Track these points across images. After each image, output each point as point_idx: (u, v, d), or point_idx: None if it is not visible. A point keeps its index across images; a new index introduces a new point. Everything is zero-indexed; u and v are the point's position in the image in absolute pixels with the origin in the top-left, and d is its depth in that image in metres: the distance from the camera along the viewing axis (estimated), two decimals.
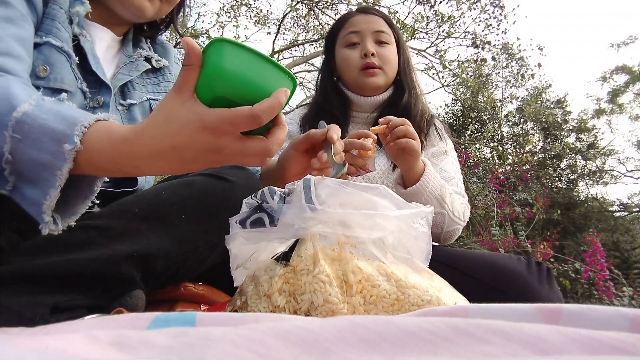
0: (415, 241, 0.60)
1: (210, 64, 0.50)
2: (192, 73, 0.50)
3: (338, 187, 0.58)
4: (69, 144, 0.49)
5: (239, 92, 0.50)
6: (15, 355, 0.24)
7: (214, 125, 0.49)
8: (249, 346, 0.26)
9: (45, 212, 0.51)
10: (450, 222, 1.16)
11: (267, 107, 0.49)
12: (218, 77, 0.50)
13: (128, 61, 0.90)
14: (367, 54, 1.23)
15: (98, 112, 0.80)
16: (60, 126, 0.50)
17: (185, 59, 0.50)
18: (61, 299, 0.58)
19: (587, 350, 0.26)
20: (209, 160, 0.52)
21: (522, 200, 6.00)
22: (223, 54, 0.50)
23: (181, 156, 0.51)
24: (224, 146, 0.51)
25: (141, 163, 0.51)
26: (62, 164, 0.49)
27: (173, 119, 0.50)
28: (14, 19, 0.68)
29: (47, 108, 0.52)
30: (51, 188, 0.50)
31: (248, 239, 0.59)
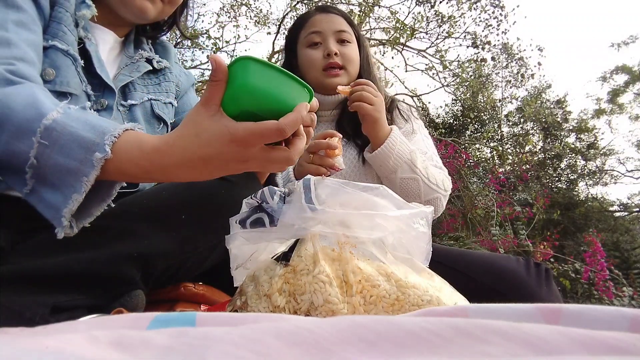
0: (415, 241, 0.60)
1: (237, 81, 0.53)
2: (219, 88, 0.53)
3: (338, 187, 0.58)
4: (99, 152, 0.52)
5: (263, 106, 0.54)
6: (15, 355, 0.24)
7: (242, 137, 0.52)
8: (249, 346, 0.26)
9: (65, 216, 0.53)
10: (427, 190, 1.15)
11: (291, 121, 0.53)
12: (244, 92, 0.53)
13: (129, 62, 0.90)
14: (330, 53, 1.24)
15: (102, 114, 0.80)
16: (89, 135, 0.53)
17: (212, 74, 0.53)
18: (61, 299, 0.58)
19: (587, 350, 0.26)
20: (235, 169, 0.56)
21: (522, 200, 6.00)
22: (249, 71, 0.53)
23: (209, 165, 0.54)
24: (250, 156, 0.54)
25: (170, 172, 0.55)
26: (90, 170, 0.52)
27: (202, 131, 0.53)
28: (26, 23, 0.69)
29: (75, 116, 0.55)
30: (75, 193, 0.52)
31: (248, 239, 0.59)
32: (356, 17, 5.31)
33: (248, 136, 0.52)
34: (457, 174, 5.29)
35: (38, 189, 0.54)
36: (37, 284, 0.57)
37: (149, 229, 0.64)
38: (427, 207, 0.63)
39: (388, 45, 5.88)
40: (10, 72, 0.59)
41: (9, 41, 0.64)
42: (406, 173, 1.13)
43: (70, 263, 0.59)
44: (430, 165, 1.19)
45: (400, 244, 0.59)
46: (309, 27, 1.29)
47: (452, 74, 6.59)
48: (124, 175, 0.55)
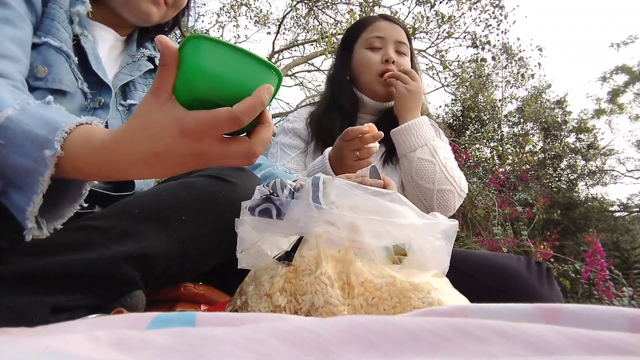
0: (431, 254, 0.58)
1: (187, 64, 0.47)
2: (168, 74, 0.48)
3: (348, 188, 0.57)
4: (49, 149, 0.48)
5: (219, 92, 0.47)
6: (15, 355, 0.24)
7: (192, 129, 0.47)
8: (249, 346, 0.26)
9: (29, 218, 0.50)
10: (442, 178, 1.15)
11: (247, 107, 0.47)
12: (196, 77, 0.47)
13: (130, 61, 0.90)
14: (389, 60, 1.25)
15: (99, 112, 0.80)
16: (42, 131, 0.49)
17: (160, 58, 0.48)
18: (61, 299, 0.58)
19: (587, 350, 0.26)
20: (192, 164, 0.51)
21: (522, 200, 6.00)
22: (200, 52, 0.47)
23: (163, 161, 0.49)
24: (205, 150, 0.49)
25: (123, 169, 0.50)
26: (44, 169, 0.48)
27: (151, 124, 0.48)
28: (11, 19, 0.68)
29: (32, 112, 0.51)
30: (34, 194, 0.49)
31: (254, 227, 0.59)
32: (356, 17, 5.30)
33: (198, 127, 0.46)
34: None
35: (7, 191, 0.51)
36: (37, 284, 0.57)
37: (149, 229, 0.64)
38: (450, 220, 0.61)
39: None
40: None
41: None
42: (425, 155, 1.15)
43: (70, 263, 0.59)
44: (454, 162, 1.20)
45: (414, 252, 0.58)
46: (372, 31, 1.30)
47: (452, 74, 6.59)
48: (80, 173, 0.51)
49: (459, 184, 1.19)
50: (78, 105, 0.77)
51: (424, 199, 1.17)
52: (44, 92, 0.72)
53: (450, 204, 1.18)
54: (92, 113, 0.79)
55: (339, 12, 6.25)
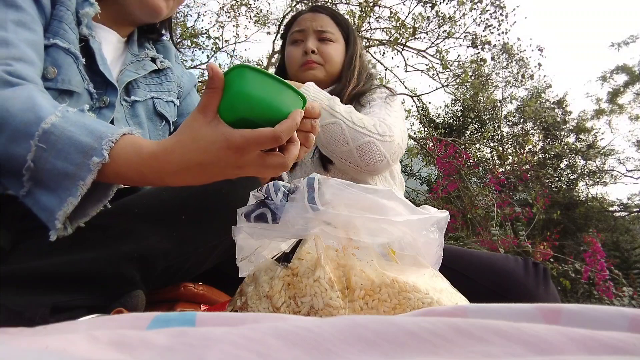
0: (424, 247, 0.59)
1: (233, 89, 0.55)
2: (215, 96, 0.54)
3: (343, 187, 0.58)
4: (97, 156, 0.53)
5: (259, 113, 0.55)
6: (15, 355, 0.24)
7: (238, 144, 0.53)
8: (249, 346, 0.26)
9: (59, 218, 0.53)
10: (353, 134, 1.07)
11: (286, 128, 0.54)
12: (241, 100, 0.54)
13: (135, 59, 0.91)
14: (307, 51, 1.27)
15: (104, 111, 0.81)
16: (87, 139, 0.54)
17: (209, 82, 0.54)
18: (61, 299, 0.58)
19: (587, 350, 0.26)
20: (232, 174, 0.57)
21: (522, 200, 6.00)
22: (245, 80, 0.54)
23: (206, 171, 0.55)
24: (246, 162, 0.55)
25: (168, 177, 0.56)
26: (86, 174, 0.53)
27: (200, 138, 0.54)
28: (25, 22, 0.69)
29: (74, 120, 0.55)
30: (70, 196, 0.53)
31: (251, 234, 0.59)
32: (357, 17, 5.30)
33: (244, 143, 0.53)
34: (457, 174, 5.29)
35: (34, 192, 0.55)
36: (37, 284, 0.57)
37: (149, 229, 0.64)
38: (441, 212, 0.62)
39: (388, 45, 5.87)
40: (8, 72, 0.60)
41: (7, 41, 0.64)
42: (326, 119, 1.07)
43: (70, 263, 0.59)
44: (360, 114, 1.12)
45: (408, 247, 0.58)
46: (295, 26, 1.34)
47: (452, 74, 6.59)
48: (122, 179, 0.56)
49: (375, 130, 1.09)
50: (84, 104, 0.78)
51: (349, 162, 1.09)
52: (53, 92, 0.72)
53: (376, 155, 1.09)
54: (97, 112, 0.80)
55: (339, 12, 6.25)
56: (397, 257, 0.59)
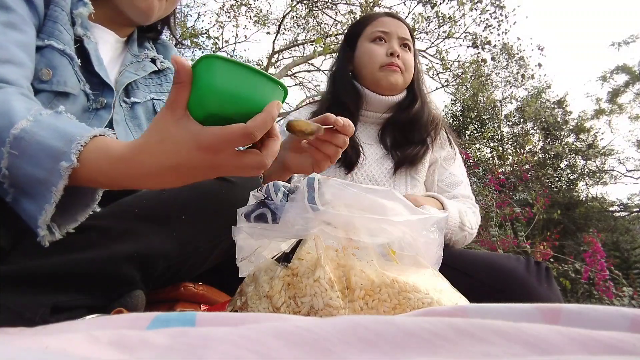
0: (424, 247, 0.59)
1: (201, 82, 0.50)
2: (183, 91, 0.50)
3: (343, 187, 0.57)
4: (65, 161, 0.50)
5: (232, 108, 0.50)
6: (15, 355, 0.24)
7: (208, 144, 0.49)
8: (249, 346, 0.26)
9: (41, 226, 0.51)
10: (469, 237, 1.19)
11: (260, 122, 0.50)
12: (210, 94, 0.49)
13: (134, 60, 0.90)
14: (393, 53, 1.24)
15: (101, 113, 0.80)
16: (57, 143, 0.51)
17: (175, 76, 0.50)
18: (61, 299, 0.58)
19: (587, 350, 0.26)
20: (206, 175, 0.54)
21: (522, 200, 6.00)
22: (214, 71, 0.49)
23: (178, 172, 0.52)
24: (220, 162, 0.51)
25: (139, 180, 0.52)
26: (58, 180, 0.50)
27: (168, 138, 0.50)
28: (15, 24, 0.68)
29: (45, 124, 0.53)
30: (46, 204, 0.51)
31: (251, 234, 0.59)
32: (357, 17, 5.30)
33: (214, 142, 0.49)
34: None
35: (18, 198, 0.53)
36: (37, 284, 0.57)
37: (149, 229, 0.64)
38: (440, 212, 0.62)
39: None
40: None
41: None
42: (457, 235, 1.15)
43: (70, 263, 0.59)
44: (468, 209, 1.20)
45: (408, 247, 0.58)
46: (377, 25, 1.29)
47: (452, 75, 6.59)
48: (94, 183, 0.54)
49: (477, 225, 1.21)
50: (80, 106, 0.77)
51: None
52: (49, 94, 0.72)
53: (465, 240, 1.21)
54: (94, 114, 0.79)
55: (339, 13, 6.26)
56: (397, 257, 0.59)
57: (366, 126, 1.30)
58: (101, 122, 0.79)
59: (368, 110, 1.29)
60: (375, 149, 1.26)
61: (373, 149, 1.26)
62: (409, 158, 1.22)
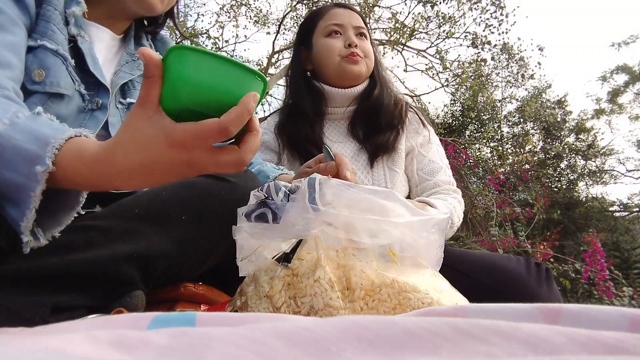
0: (424, 248, 0.59)
1: (171, 75, 0.47)
2: (153, 85, 0.48)
3: (344, 188, 0.57)
4: (41, 165, 0.48)
5: (205, 101, 0.47)
6: (15, 355, 0.24)
7: (181, 141, 0.47)
8: (249, 346, 0.26)
9: (24, 232, 0.50)
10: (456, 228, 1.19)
11: (235, 117, 0.47)
12: (182, 88, 0.47)
13: (130, 59, 0.89)
14: (351, 44, 1.21)
15: (96, 113, 0.79)
16: (32, 147, 0.49)
17: (144, 70, 0.48)
18: (61, 299, 0.58)
19: (587, 350, 0.26)
20: (183, 174, 0.51)
21: (522, 200, 6.00)
22: (184, 63, 0.47)
23: (152, 172, 0.49)
24: (195, 160, 0.49)
25: (114, 181, 0.50)
26: (35, 185, 0.48)
27: (139, 136, 0.48)
28: (2, 24, 0.67)
29: (21, 127, 0.51)
30: (27, 209, 0.49)
31: (251, 234, 0.58)
32: None
33: (187, 139, 0.47)
34: (457, 174, 5.28)
35: (2, 204, 0.52)
36: (37, 284, 0.57)
37: (149, 229, 0.64)
38: (441, 213, 0.62)
39: (388, 45, 5.87)
40: None
41: None
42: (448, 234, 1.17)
43: (70, 263, 0.59)
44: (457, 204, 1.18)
45: (408, 249, 0.58)
46: (329, 19, 1.26)
47: (452, 75, 6.59)
48: (72, 185, 0.52)
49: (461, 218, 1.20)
50: (76, 107, 0.77)
51: None
52: (42, 95, 0.71)
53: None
54: (90, 114, 0.79)
55: None
56: (397, 259, 0.59)
57: (335, 124, 1.27)
58: (97, 123, 0.79)
59: (333, 107, 1.26)
60: (349, 145, 1.23)
61: (346, 146, 1.23)
62: (382, 146, 1.19)
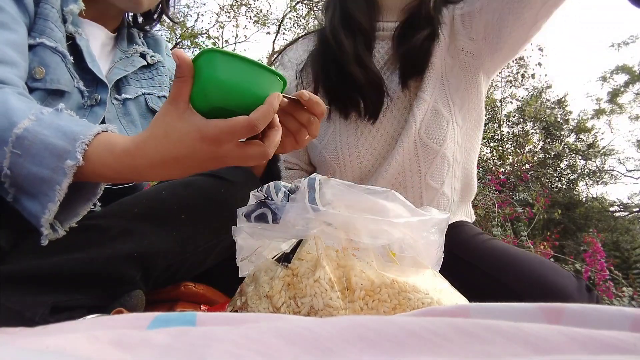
0: (424, 248, 0.59)
1: (203, 76, 0.51)
2: (185, 85, 0.52)
3: (344, 188, 0.58)
4: (70, 160, 0.51)
5: (233, 100, 0.51)
6: (15, 355, 0.24)
7: (213, 136, 0.51)
8: (249, 345, 0.26)
9: (44, 225, 0.52)
10: None
11: (262, 114, 0.51)
12: (212, 88, 0.51)
13: (124, 56, 0.90)
14: None
15: (95, 109, 0.80)
16: (61, 142, 0.52)
17: (177, 70, 0.51)
18: (61, 298, 0.58)
19: (588, 350, 0.26)
20: (211, 166, 0.55)
21: (522, 200, 6.00)
22: (215, 65, 0.50)
23: (183, 164, 0.53)
24: (224, 154, 0.53)
25: (144, 173, 0.54)
26: (62, 178, 0.51)
27: (172, 132, 0.52)
28: (5, 23, 0.67)
29: (47, 123, 0.53)
30: (50, 202, 0.51)
31: (251, 234, 0.59)
32: None
33: (219, 134, 0.51)
34: None
35: (19, 198, 0.54)
36: (37, 284, 0.57)
37: (149, 229, 0.64)
38: (442, 213, 0.61)
39: None
40: None
41: None
42: None
43: (70, 263, 0.59)
44: None
45: (407, 249, 0.58)
46: None
47: None
48: (100, 178, 0.55)
49: None
50: (75, 103, 0.77)
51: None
52: (42, 93, 0.72)
53: None
54: (89, 110, 0.79)
55: None
56: (397, 259, 0.59)
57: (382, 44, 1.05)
58: (96, 118, 0.80)
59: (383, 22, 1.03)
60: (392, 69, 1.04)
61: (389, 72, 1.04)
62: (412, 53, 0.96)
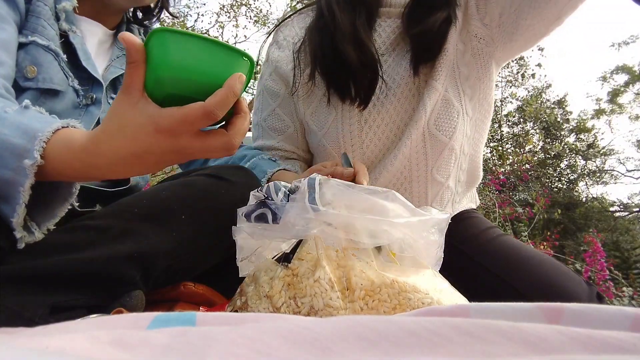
0: (424, 248, 0.59)
1: (154, 59, 0.46)
2: (137, 71, 0.46)
3: (344, 188, 0.57)
4: (29, 159, 0.48)
5: (190, 85, 0.46)
6: (15, 355, 0.24)
7: (168, 127, 0.46)
8: (249, 345, 0.26)
9: (15, 228, 0.50)
10: None
11: (219, 99, 0.46)
12: (165, 72, 0.45)
13: (121, 54, 0.89)
14: None
15: (91, 109, 0.80)
16: (20, 141, 0.49)
17: (127, 56, 0.47)
18: (61, 299, 0.58)
19: (588, 350, 0.26)
20: (172, 160, 0.51)
21: (523, 200, 6.00)
22: (167, 47, 0.45)
23: (142, 160, 0.49)
24: (183, 146, 0.48)
25: (104, 170, 0.50)
26: (24, 179, 0.48)
27: (126, 125, 0.47)
28: None
29: (10, 121, 0.50)
30: (17, 205, 0.49)
31: (251, 234, 0.59)
32: None
33: (173, 124, 0.46)
34: None
35: None
36: (37, 284, 0.57)
37: (148, 229, 0.64)
38: (442, 213, 0.61)
39: None
40: None
41: None
42: None
43: (70, 263, 0.59)
44: None
45: (407, 250, 0.58)
46: None
47: None
48: (62, 177, 0.52)
49: None
50: (70, 102, 0.77)
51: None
52: (35, 92, 0.71)
53: None
54: (84, 110, 0.79)
55: None
56: (397, 259, 0.59)
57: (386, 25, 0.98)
58: (92, 118, 0.79)
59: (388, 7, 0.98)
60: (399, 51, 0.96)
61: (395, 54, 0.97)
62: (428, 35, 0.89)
